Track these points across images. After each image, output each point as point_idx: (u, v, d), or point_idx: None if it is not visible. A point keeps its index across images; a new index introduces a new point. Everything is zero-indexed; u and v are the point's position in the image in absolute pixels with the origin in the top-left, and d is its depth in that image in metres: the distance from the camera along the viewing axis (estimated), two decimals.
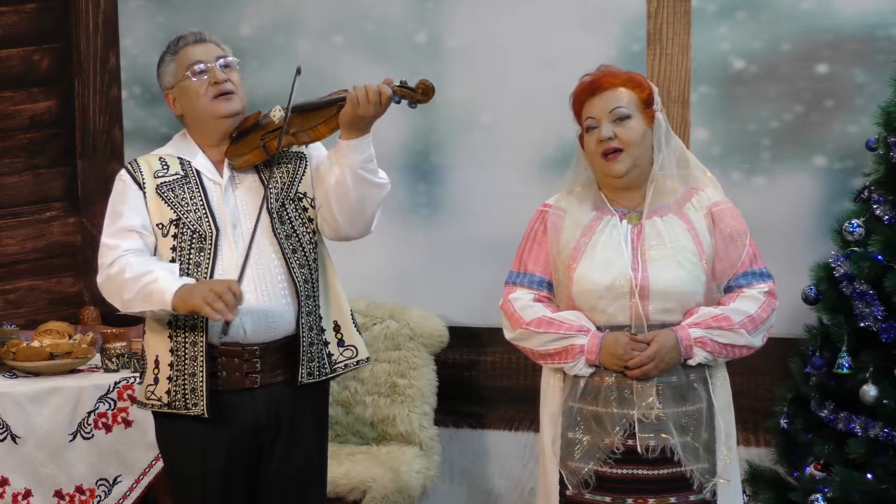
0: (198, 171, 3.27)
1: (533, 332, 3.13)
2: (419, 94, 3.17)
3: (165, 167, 3.28)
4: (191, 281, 3.15)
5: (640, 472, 3.08)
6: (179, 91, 3.28)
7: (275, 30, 4.70)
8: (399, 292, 4.58)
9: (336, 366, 3.34)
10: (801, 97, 4.20)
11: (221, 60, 3.28)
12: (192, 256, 3.20)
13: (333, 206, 3.25)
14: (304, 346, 3.24)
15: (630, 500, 3.08)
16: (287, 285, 3.23)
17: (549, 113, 4.38)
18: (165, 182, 3.25)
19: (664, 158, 3.17)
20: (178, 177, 3.26)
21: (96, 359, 4.34)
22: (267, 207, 3.22)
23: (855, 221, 3.60)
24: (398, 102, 3.18)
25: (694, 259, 3.10)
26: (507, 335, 3.22)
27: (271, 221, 3.23)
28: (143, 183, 3.25)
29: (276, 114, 3.27)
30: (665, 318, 3.08)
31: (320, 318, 3.29)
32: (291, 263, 3.23)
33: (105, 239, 3.25)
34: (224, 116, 3.26)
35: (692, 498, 3.08)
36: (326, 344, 3.31)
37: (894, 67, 3.77)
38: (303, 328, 3.24)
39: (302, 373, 3.24)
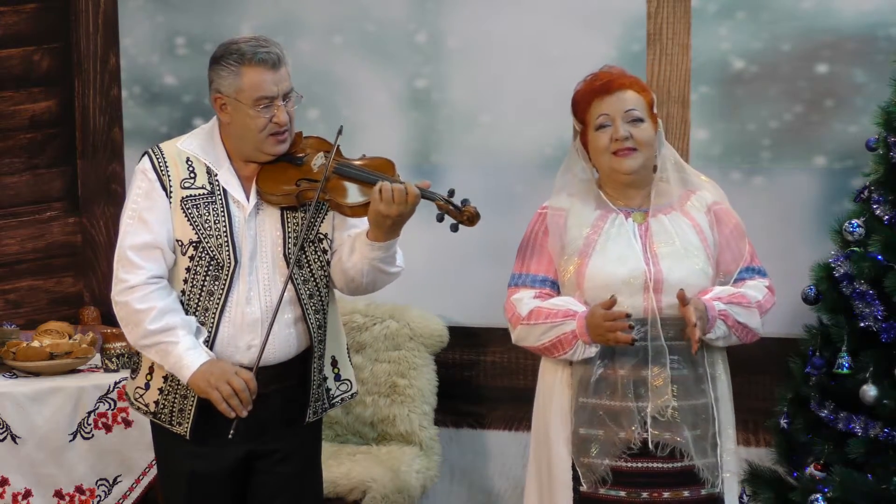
0: (224, 190, 3.16)
1: (529, 327, 3.13)
2: (465, 217, 3.08)
3: (192, 175, 3.15)
4: (212, 357, 3.10)
5: (654, 465, 3.10)
6: (234, 108, 3.12)
7: (275, 30, 4.69)
8: (399, 292, 4.56)
9: (334, 400, 3.33)
10: (801, 97, 4.20)
11: (288, 95, 3.13)
12: (206, 284, 3.14)
13: (343, 280, 3.20)
14: (313, 389, 3.23)
15: (645, 494, 3.11)
16: (291, 324, 3.18)
17: (549, 113, 4.39)
18: (191, 196, 3.14)
19: (664, 161, 3.22)
20: (205, 192, 3.14)
21: (96, 359, 4.33)
22: (284, 253, 3.16)
23: (855, 221, 3.60)
24: (440, 220, 3.09)
25: (701, 255, 3.15)
26: (512, 337, 3.22)
27: (288, 267, 3.15)
28: (171, 190, 3.14)
29: (317, 161, 3.16)
30: (675, 313, 3.10)
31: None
32: (307, 309, 3.18)
33: (129, 251, 3.13)
34: (273, 155, 3.16)
35: (703, 492, 3.13)
36: (325, 379, 3.29)
37: (894, 67, 3.77)
38: (314, 372, 3.22)
39: (309, 413, 3.25)
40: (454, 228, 3.10)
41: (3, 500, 4.03)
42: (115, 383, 4.12)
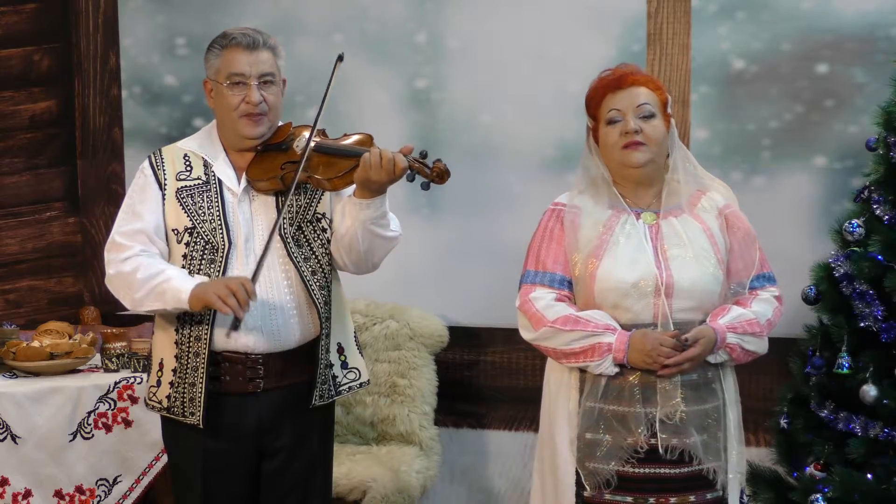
0: (219, 180, 3.24)
1: (559, 331, 3.10)
2: (434, 174, 3.08)
3: (189, 169, 3.25)
4: (205, 279, 3.16)
5: (662, 471, 3.08)
6: (216, 90, 3.25)
7: (275, 30, 4.65)
8: (399, 292, 4.58)
9: (341, 388, 3.34)
10: (801, 97, 4.20)
11: (264, 78, 3.20)
12: (202, 267, 3.19)
13: (342, 250, 3.23)
14: (320, 369, 3.25)
15: (652, 500, 3.09)
16: (296, 304, 3.21)
17: (549, 113, 4.39)
18: (186, 186, 3.23)
19: (675, 160, 3.20)
20: (200, 182, 3.23)
21: (96, 359, 4.34)
22: (280, 233, 3.19)
23: (855, 221, 3.60)
24: (411, 180, 3.10)
25: (712, 259, 3.13)
26: (527, 335, 3.17)
27: (286, 246, 3.20)
28: (165, 183, 3.23)
29: (301, 143, 3.21)
30: (686, 317, 3.10)
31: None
32: (311, 286, 3.21)
33: (117, 236, 3.24)
34: (247, 137, 3.23)
35: (709, 496, 3.12)
36: (331, 366, 3.30)
37: (894, 67, 3.77)
38: (321, 350, 3.24)
39: (315, 395, 3.25)
40: (425, 187, 3.11)
41: (3, 500, 4.03)
42: (115, 383, 4.12)
